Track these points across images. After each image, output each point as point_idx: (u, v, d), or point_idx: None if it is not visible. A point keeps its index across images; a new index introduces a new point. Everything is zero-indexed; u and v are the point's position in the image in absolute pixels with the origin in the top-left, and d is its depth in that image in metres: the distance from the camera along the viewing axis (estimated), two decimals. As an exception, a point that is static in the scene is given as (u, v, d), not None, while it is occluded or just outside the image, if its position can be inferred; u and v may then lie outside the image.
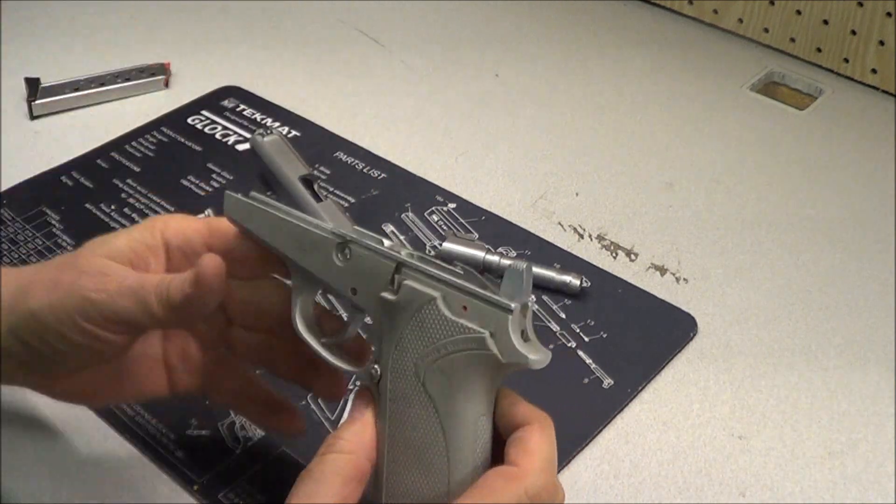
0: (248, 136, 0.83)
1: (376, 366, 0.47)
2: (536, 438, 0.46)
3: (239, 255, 0.52)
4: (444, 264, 0.47)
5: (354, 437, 0.47)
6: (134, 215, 0.76)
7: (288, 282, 0.51)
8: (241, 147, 0.83)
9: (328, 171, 0.80)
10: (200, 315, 0.50)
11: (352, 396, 0.49)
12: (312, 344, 0.50)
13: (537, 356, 0.44)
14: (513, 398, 0.48)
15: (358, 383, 0.50)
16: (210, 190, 0.78)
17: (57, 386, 0.54)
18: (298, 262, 0.50)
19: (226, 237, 0.53)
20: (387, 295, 0.47)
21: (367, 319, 0.50)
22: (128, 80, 0.90)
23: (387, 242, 0.48)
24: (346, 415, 0.50)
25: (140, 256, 0.51)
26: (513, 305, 0.44)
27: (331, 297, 0.66)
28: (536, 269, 0.68)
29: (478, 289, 0.45)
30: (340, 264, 0.49)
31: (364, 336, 0.51)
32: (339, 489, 0.45)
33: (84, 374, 0.52)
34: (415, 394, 0.46)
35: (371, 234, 0.49)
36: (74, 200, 0.77)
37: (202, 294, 0.48)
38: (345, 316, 0.60)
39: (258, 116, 0.87)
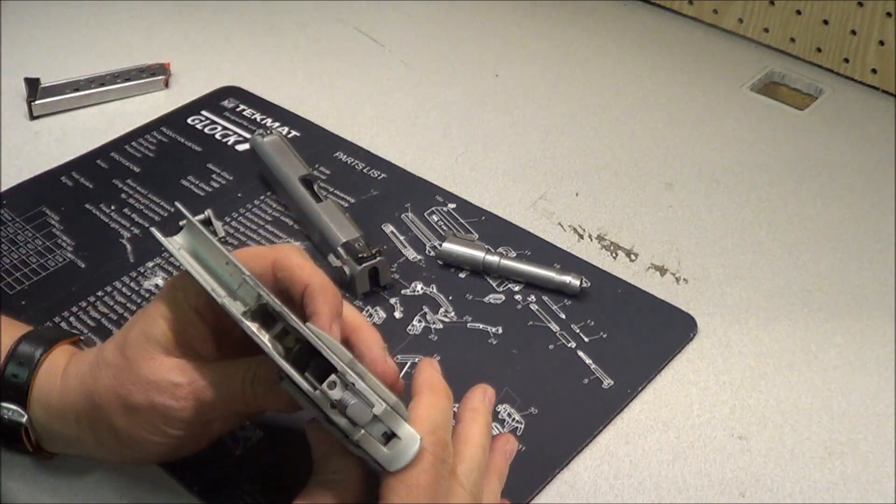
0: (248, 136, 0.83)
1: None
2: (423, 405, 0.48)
3: None
4: (320, 349, 0.47)
5: (346, 470, 0.48)
6: (134, 215, 0.76)
7: None
8: (241, 147, 0.83)
9: (328, 171, 0.80)
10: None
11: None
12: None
13: (398, 462, 0.46)
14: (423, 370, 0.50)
15: None
16: (210, 190, 0.78)
17: (140, 462, 0.56)
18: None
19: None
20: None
21: None
22: (128, 80, 0.90)
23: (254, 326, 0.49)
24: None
25: (182, 333, 0.52)
26: (355, 438, 0.47)
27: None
28: (537, 270, 0.69)
29: (334, 416, 0.47)
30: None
31: None
32: None
33: (169, 448, 0.54)
34: None
35: (261, 287, 0.50)
36: (74, 200, 0.78)
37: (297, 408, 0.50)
38: None
39: (258, 116, 0.87)
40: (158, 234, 0.53)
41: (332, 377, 0.46)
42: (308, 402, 0.47)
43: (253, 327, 0.49)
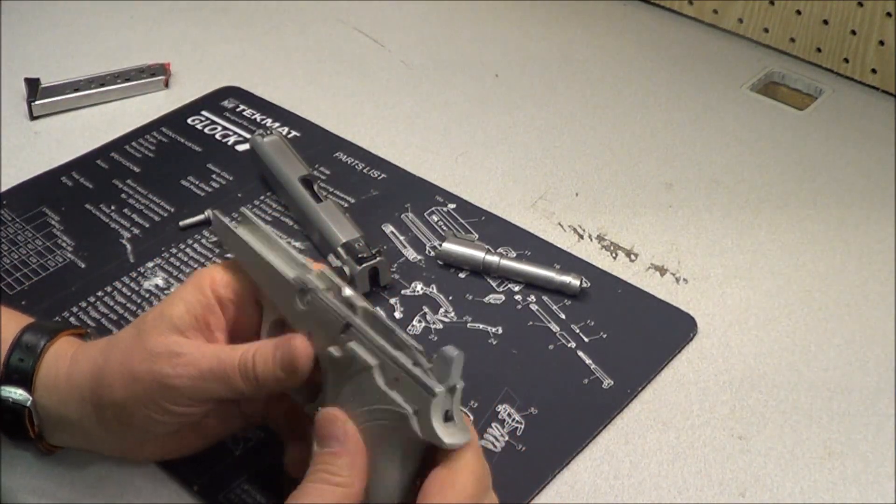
0: (248, 136, 0.83)
1: (320, 408, 0.50)
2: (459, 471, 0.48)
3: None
4: (394, 328, 0.49)
5: (348, 468, 0.48)
6: (134, 215, 0.76)
7: None
8: (241, 147, 0.83)
9: (328, 171, 0.80)
10: (286, 389, 0.53)
11: (321, 419, 0.50)
12: None
13: (453, 440, 0.47)
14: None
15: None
16: (210, 190, 0.78)
17: (142, 452, 0.56)
18: (268, 295, 0.54)
19: None
20: (333, 351, 0.50)
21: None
22: (128, 80, 0.90)
23: (347, 291, 0.51)
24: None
25: (199, 318, 0.53)
26: (437, 389, 0.46)
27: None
28: (537, 270, 0.69)
29: (411, 366, 0.47)
30: (301, 308, 0.52)
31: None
32: None
33: (165, 440, 0.55)
34: None
35: (336, 279, 0.52)
36: (74, 201, 0.78)
37: (294, 377, 0.51)
38: None
39: (258, 117, 0.87)
40: (221, 217, 0.56)
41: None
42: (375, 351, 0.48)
43: (330, 295, 0.51)
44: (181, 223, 0.75)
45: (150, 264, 0.71)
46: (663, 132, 0.85)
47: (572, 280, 0.68)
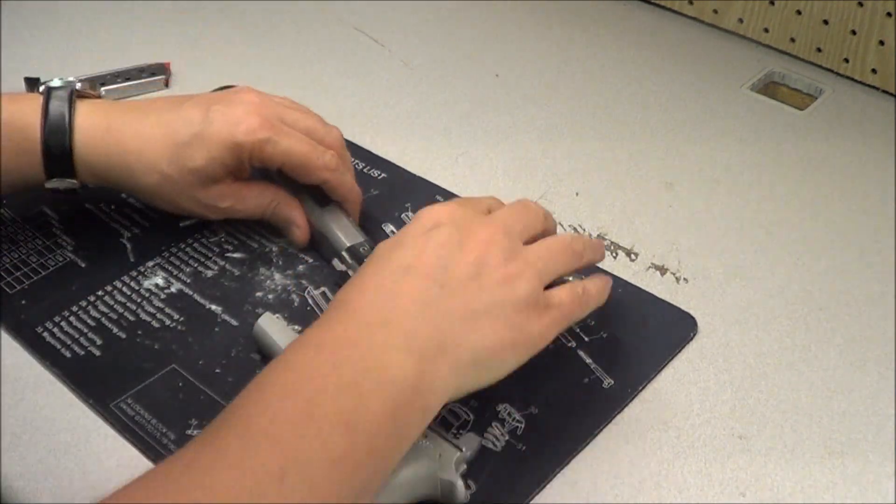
0: (248, 136, 0.83)
1: None
2: None
3: None
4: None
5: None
6: (134, 215, 0.76)
7: None
8: (241, 147, 0.83)
9: (328, 171, 0.80)
10: None
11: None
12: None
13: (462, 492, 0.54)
14: None
15: None
16: (210, 190, 0.78)
17: (204, 197, 0.69)
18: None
19: None
20: None
21: None
22: (128, 79, 0.90)
23: None
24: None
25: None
26: (464, 448, 0.55)
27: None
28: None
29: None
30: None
31: None
32: None
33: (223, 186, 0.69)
34: None
35: None
36: (74, 200, 0.77)
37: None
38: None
39: (258, 116, 0.87)
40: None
41: None
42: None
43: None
44: (181, 223, 0.75)
45: (150, 263, 0.71)
46: (663, 132, 0.85)
47: (572, 280, 0.67)
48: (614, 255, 0.72)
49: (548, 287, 0.57)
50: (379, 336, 0.49)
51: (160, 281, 0.70)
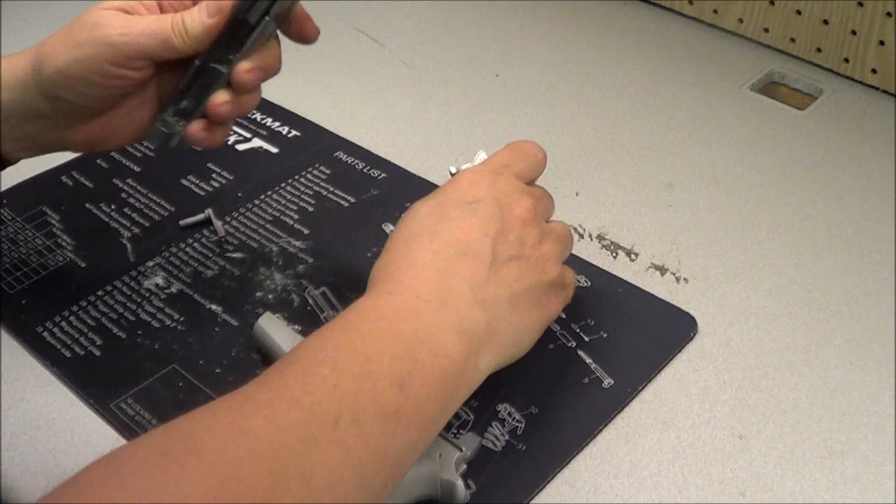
0: (248, 135, 0.83)
1: None
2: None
3: None
4: None
5: None
6: (134, 215, 0.76)
7: None
8: (241, 147, 0.83)
9: (328, 171, 0.80)
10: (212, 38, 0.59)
11: None
12: None
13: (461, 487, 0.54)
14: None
15: None
16: (210, 190, 0.78)
17: (79, 134, 0.62)
18: None
19: None
20: None
21: None
22: (128, 79, 0.90)
23: None
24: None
25: (133, 7, 0.60)
26: (464, 448, 0.55)
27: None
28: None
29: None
30: None
31: None
32: None
33: (100, 121, 0.61)
34: None
35: None
36: (74, 200, 0.78)
37: (220, 22, 0.58)
38: None
39: (258, 116, 0.87)
40: None
41: None
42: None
43: None
44: (181, 222, 0.75)
45: (150, 263, 0.71)
46: (663, 132, 0.85)
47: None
48: (614, 255, 0.72)
49: None
50: (435, 315, 0.52)
51: (160, 281, 0.70)
